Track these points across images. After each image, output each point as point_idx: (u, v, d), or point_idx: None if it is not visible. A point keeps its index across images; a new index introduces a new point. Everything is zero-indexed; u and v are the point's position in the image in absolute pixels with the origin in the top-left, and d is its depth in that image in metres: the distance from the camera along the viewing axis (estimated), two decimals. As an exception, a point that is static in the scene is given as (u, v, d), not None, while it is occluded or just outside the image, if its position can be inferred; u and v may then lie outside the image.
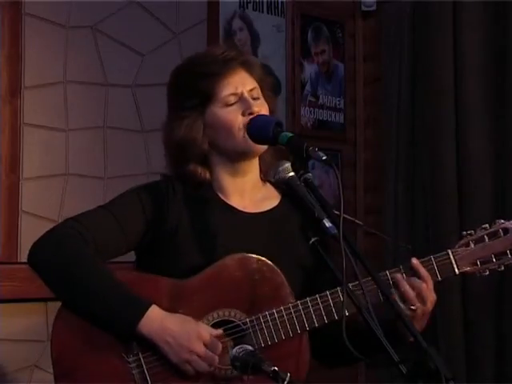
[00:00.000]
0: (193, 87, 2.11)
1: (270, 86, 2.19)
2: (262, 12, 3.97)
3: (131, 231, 2.05)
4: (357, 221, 1.69)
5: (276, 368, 1.69)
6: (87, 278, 1.95)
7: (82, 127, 3.29)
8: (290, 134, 1.92)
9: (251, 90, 2.10)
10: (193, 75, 2.11)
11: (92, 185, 3.26)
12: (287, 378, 1.67)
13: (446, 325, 3.88)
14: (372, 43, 4.36)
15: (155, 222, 2.06)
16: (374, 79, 4.34)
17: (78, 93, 3.28)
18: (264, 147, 2.08)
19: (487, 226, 2.08)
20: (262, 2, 3.97)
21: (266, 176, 2.17)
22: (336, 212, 1.80)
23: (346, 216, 1.76)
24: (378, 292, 1.93)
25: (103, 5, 3.35)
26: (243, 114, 2.06)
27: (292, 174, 1.87)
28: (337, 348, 1.95)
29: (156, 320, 1.92)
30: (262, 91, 2.14)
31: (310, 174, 1.84)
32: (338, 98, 4.29)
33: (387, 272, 2.03)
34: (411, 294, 2.00)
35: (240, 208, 2.12)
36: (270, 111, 2.15)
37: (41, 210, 3.12)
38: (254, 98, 2.10)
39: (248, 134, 2.03)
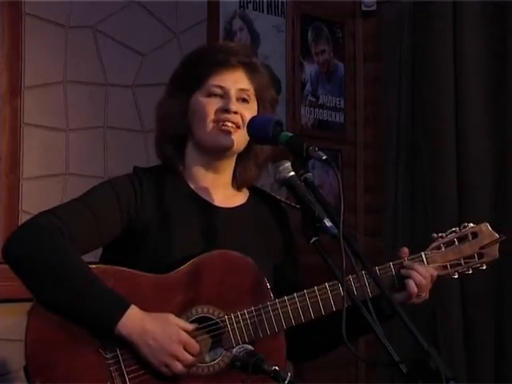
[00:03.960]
0: (188, 70, 2.12)
1: (269, 99, 2.16)
2: (262, 12, 3.97)
3: (106, 224, 2.03)
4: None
5: (277, 367, 1.69)
6: (65, 274, 1.92)
7: (82, 127, 3.29)
8: (290, 134, 1.91)
9: (242, 90, 2.09)
10: (194, 60, 2.13)
11: (92, 185, 3.23)
12: (288, 378, 1.67)
13: (446, 325, 3.89)
14: (372, 43, 4.36)
15: (129, 215, 2.05)
16: (374, 79, 4.34)
17: (78, 93, 3.28)
18: (237, 148, 2.09)
19: (457, 229, 2.12)
20: (262, 2, 3.97)
21: (241, 185, 2.17)
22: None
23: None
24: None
25: (103, 5, 3.35)
26: (219, 110, 2.06)
27: (292, 173, 1.87)
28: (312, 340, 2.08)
29: (135, 321, 1.90)
30: (257, 99, 2.13)
31: (310, 174, 1.84)
32: (337, 98, 4.29)
33: (405, 258, 2.08)
34: (423, 282, 2.04)
35: (213, 202, 2.12)
36: None
37: (41, 209, 3.10)
38: (242, 99, 2.09)
39: (248, 133, 2.03)
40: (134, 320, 1.90)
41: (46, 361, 1.92)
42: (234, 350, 1.78)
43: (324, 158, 1.82)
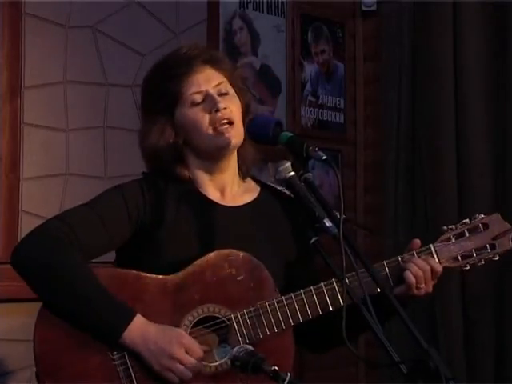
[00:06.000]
0: (160, 90, 2.11)
1: (239, 79, 2.20)
2: (262, 12, 3.97)
3: (115, 230, 2.04)
4: (342, 215, 1.70)
5: (276, 368, 1.69)
6: (72, 283, 1.93)
7: (82, 127, 3.29)
8: (290, 134, 1.92)
9: (217, 85, 2.10)
10: (159, 78, 2.12)
11: (92, 185, 3.26)
12: (287, 378, 1.67)
13: (445, 325, 3.89)
14: (372, 43, 4.36)
15: (138, 220, 2.05)
16: (374, 79, 4.34)
17: (77, 93, 3.28)
18: (238, 143, 2.09)
19: (467, 220, 2.09)
20: (262, 2, 3.97)
21: (246, 173, 2.18)
22: (336, 212, 1.80)
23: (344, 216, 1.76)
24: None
25: (103, 5, 3.36)
26: (209, 112, 2.06)
27: (292, 173, 1.87)
28: (324, 331, 2.04)
29: (138, 330, 1.91)
30: (232, 85, 2.13)
31: (310, 174, 1.84)
32: (337, 98, 4.29)
33: (399, 257, 2.06)
34: (420, 273, 2.02)
35: (221, 202, 2.12)
36: (244, 104, 2.14)
37: (41, 209, 3.11)
38: (221, 94, 2.09)
39: (248, 133, 2.03)
40: (137, 329, 1.91)
41: (55, 363, 1.93)
42: (234, 350, 1.77)
43: (324, 157, 1.82)
